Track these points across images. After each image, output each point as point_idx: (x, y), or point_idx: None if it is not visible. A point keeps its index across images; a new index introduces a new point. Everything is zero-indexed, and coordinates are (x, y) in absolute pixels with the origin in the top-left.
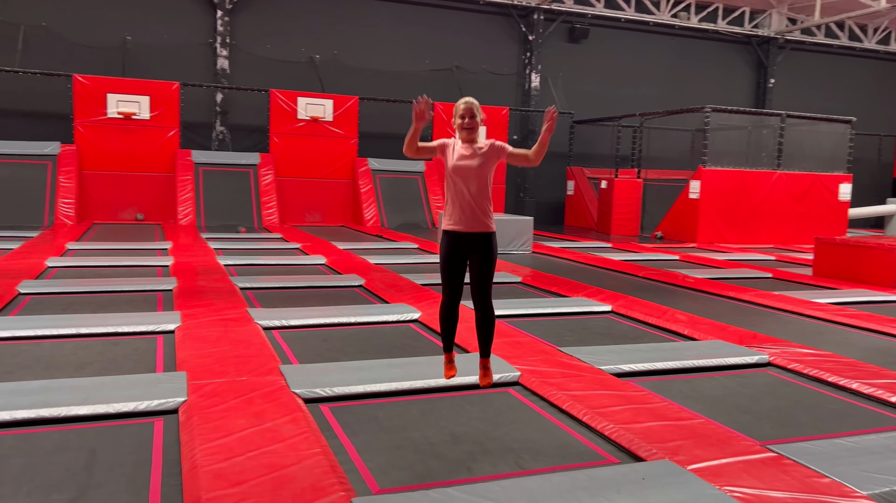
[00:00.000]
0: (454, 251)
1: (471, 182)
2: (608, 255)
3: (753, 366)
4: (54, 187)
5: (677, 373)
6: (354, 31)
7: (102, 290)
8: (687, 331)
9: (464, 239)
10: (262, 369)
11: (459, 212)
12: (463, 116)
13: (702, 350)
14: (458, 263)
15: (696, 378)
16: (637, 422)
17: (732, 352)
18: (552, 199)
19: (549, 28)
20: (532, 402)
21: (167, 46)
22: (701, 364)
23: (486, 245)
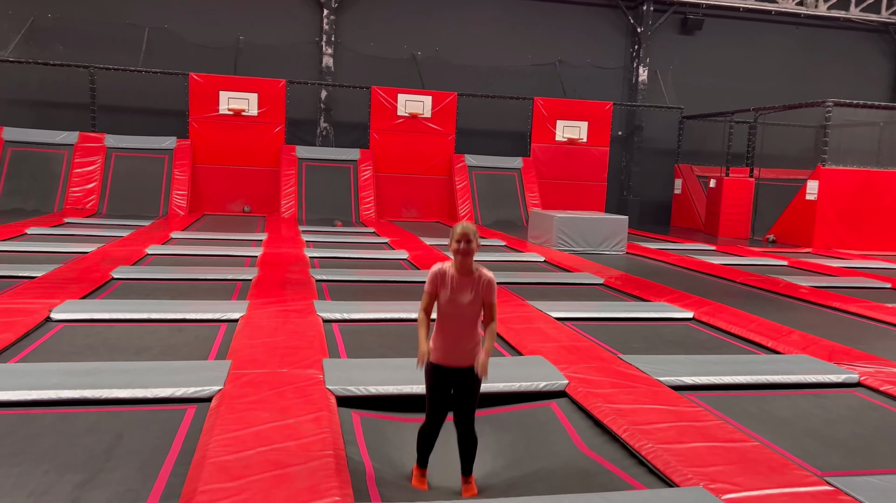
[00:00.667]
0: (439, 384)
1: (462, 316)
2: (709, 259)
3: (839, 386)
4: (170, 179)
5: (746, 390)
6: (456, 28)
7: (187, 278)
8: (771, 344)
9: (450, 373)
10: (306, 362)
11: (448, 345)
12: (459, 240)
13: (781, 365)
14: (443, 395)
15: (766, 395)
16: (681, 441)
17: (816, 368)
18: (658, 198)
19: (659, 19)
20: (573, 413)
21: (276, 45)
22: (776, 380)
23: (470, 378)
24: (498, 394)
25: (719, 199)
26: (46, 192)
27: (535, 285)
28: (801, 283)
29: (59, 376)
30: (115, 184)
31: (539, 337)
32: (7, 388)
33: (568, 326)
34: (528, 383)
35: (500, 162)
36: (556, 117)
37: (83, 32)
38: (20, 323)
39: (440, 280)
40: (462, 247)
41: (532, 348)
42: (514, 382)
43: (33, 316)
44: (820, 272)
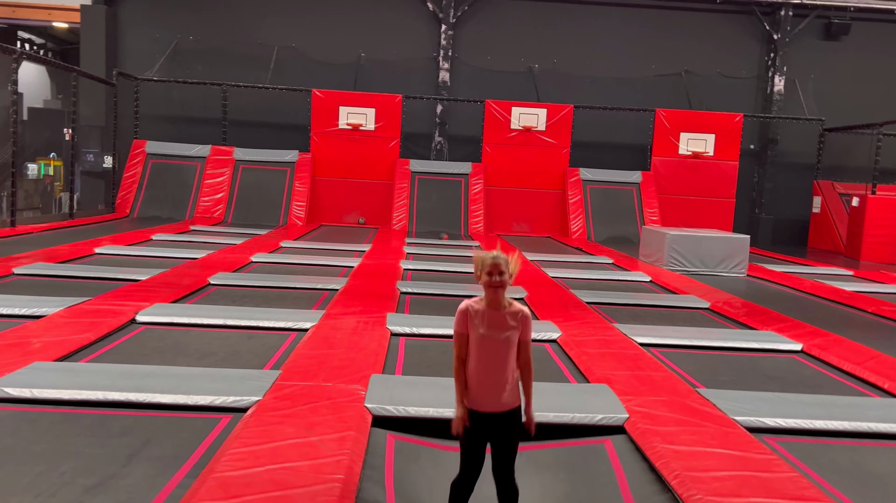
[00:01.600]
0: (474, 433)
1: (497, 355)
2: (842, 285)
3: None
4: (291, 191)
5: (840, 437)
6: (574, 39)
7: (277, 286)
8: (888, 385)
9: (485, 419)
10: (355, 377)
11: (482, 389)
12: (490, 273)
13: (891, 411)
14: (479, 445)
15: (865, 446)
16: (738, 495)
17: None
18: (795, 216)
19: (799, 25)
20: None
21: (394, 61)
22: (880, 429)
23: (509, 423)
24: (549, 426)
25: (862, 218)
26: (180, 201)
27: (631, 306)
28: None
29: (112, 377)
30: (241, 194)
31: (612, 363)
32: (59, 387)
33: (652, 353)
34: (583, 415)
35: (617, 176)
36: (679, 129)
37: (219, 52)
38: (105, 323)
39: (469, 319)
40: (495, 279)
41: (600, 375)
42: (568, 413)
43: (119, 317)
44: None
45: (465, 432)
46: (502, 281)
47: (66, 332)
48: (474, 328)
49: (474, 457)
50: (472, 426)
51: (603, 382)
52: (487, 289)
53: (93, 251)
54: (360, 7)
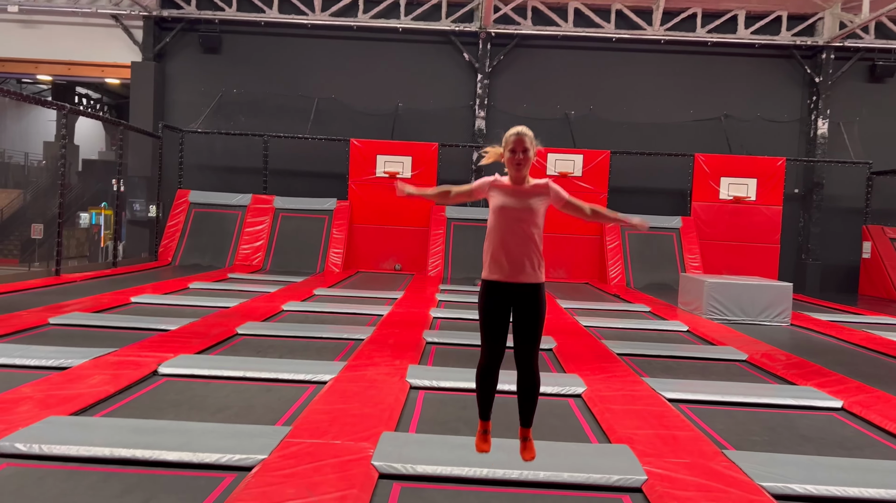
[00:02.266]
0: (495, 304)
1: (518, 225)
2: (890, 335)
3: None
4: (328, 238)
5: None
6: (612, 85)
7: (304, 336)
8: None
9: (506, 290)
10: (366, 433)
11: (503, 258)
12: (514, 150)
13: None
14: (499, 318)
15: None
16: None
17: None
18: (844, 262)
19: (842, 68)
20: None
21: (431, 110)
22: None
23: (532, 298)
24: (561, 485)
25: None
26: (221, 249)
27: (664, 358)
28: None
29: (123, 433)
30: (279, 242)
31: (636, 421)
32: (69, 443)
33: (680, 410)
34: (599, 475)
35: (657, 221)
36: (719, 174)
37: (261, 104)
38: (126, 376)
39: (488, 185)
40: (519, 157)
41: (621, 434)
42: (584, 473)
43: (142, 369)
44: None
45: (486, 306)
46: (526, 157)
47: (88, 385)
48: (496, 197)
49: (496, 334)
50: (493, 298)
51: (625, 442)
52: (510, 165)
53: (129, 300)
54: (398, 58)
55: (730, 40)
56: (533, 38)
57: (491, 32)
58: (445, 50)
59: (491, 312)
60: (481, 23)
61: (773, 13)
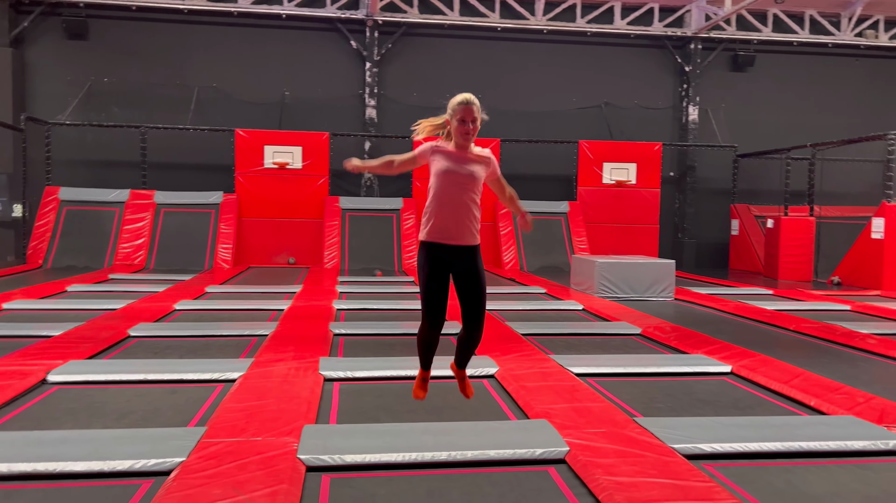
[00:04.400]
0: (436, 265)
1: (461, 190)
2: (762, 304)
3: (887, 454)
4: (216, 233)
5: (775, 459)
6: (499, 73)
7: (203, 335)
8: (814, 402)
9: (447, 252)
10: (286, 427)
11: (448, 221)
12: (464, 120)
13: (820, 429)
14: (441, 281)
15: (799, 466)
16: None
17: (861, 433)
18: (716, 239)
19: (708, 57)
20: (569, 488)
21: (320, 99)
22: (811, 448)
23: (473, 258)
24: (488, 462)
25: (778, 239)
26: (97, 248)
27: (566, 336)
28: (862, 331)
29: (17, 447)
30: (163, 239)
31: (551, 397)
32: None
33: (588, 383)
34: (524, 450)
35: (546, 206)
36: (602, 160)
37: (137, 94)
38: (11, 387)
39: (431, 151)
40: (469, 126)
41: (539, 410)
42: (508, 449)
43: (28, 378)
44: (887, 317)
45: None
46: (475, 127)
47: None
48: (439, 162)
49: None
50: (434, 260)
51: (543, 417)
52: (459, 134)
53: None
54: (282, 45)
55: (607, 31)
56: (420, 27)
57: (378, 20)
58: (332, 38)
59: (433, 274)
60: (368, 10)
61: (646, 5)
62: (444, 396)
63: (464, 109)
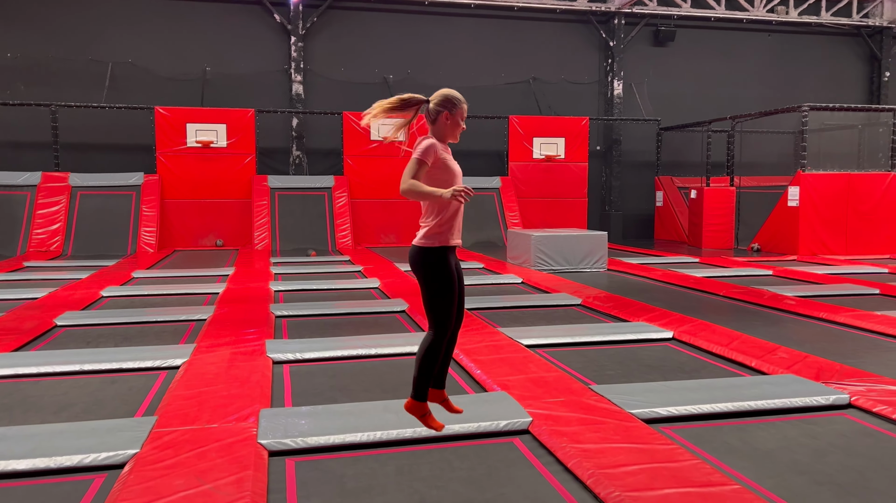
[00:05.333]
0: (456, 269)
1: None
2: (691, 272)
3: (828, 409)
4: (138, 216)
5: (726, 418)
6: (428, 49)
7: (137, 321)
8: (755, 363)
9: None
10: (242, 414)
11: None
12: (463, 117)
13: (765, 388)
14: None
15: (749, 424)
16: (652, 487)
17: (803, 390)
18: (641, 211)
19: (631, 32)
20: (536, 458)
21: (244, 75)
22: (759, 406)
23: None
24: (453, 436)
25: (701, 209)
26: (8, 235)
27: (510, 309)
28: (786, 293)
29: None
30: (80, 223)
31: (506, 369)
32: None
33: (539, 354)
34: (488, 423)
35: (479, 182)
36: (532, 135)
37: (45, 70)
38: None
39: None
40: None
41: (497, 382)
42: (472, 422)
43: None
44: (806, 280)
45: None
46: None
47: None
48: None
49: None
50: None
51: (501, 389)
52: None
53: None
54: (202, 19)
55: (534, 5)
56: (347, 0)
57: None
58: (254, 11)
59: (456, 278)
60: None
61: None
62: (398, 374)
63: (464, 110)
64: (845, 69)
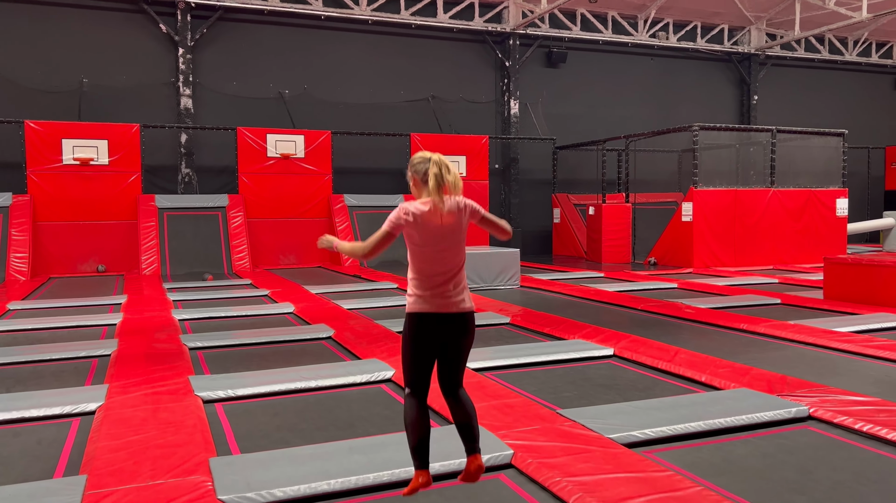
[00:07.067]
0: (426, 339)
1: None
2: (602, 286)
3: (791, 422)
4: (5, 241)
5: (702, 438)
6: (325, 64)
7: (27, 361)
8: (704, 378)
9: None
10: (188, 464)
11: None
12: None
13: (728, 404)
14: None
15: (725, 442)
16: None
17: (765, 404)
18: (539, 227)
19: (525, 53)
20: (529, 494)
21: (127, 88)
22: (729, 423)
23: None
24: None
25: (600, 225)
26: None
27: None
28: (700, 306)
29: None
30: None
31: None
32: None
33: (490, 378)
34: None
35: (382, 200)
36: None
37: None
38: None
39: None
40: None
41: None
42: (451, 460)
43: None
44: (710, 292)
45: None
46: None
47: None
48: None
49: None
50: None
51: None
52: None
53: None
54: (76, 27)
55: (431, 23)
56: (239, 12)
57: (191, 2)
58: (137, 20)
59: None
60: None
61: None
62: (347, 408)
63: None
64: (718, 92)
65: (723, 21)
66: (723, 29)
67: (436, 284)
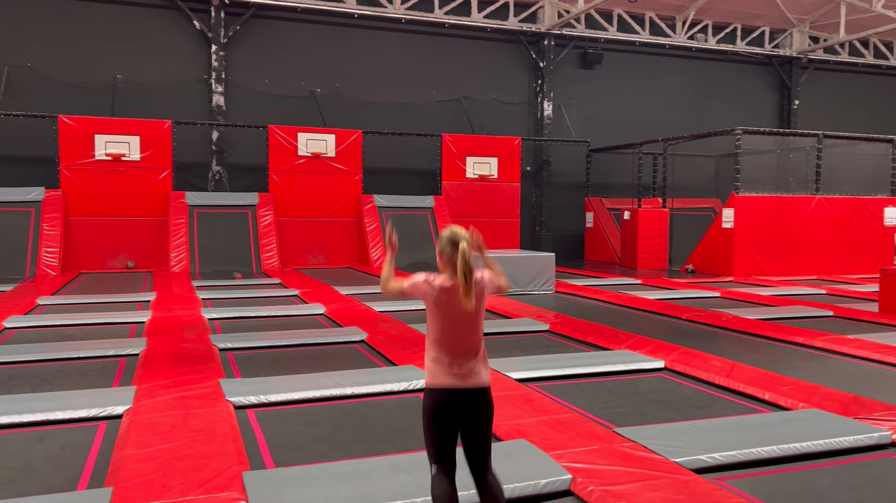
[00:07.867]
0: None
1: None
2: (640, 294)
3: (873, 449)
4: (37, 235)
5: (777, 465)
6: (357, 63)
7: (55, 359)
8: (768, 396)
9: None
10: (220, 479)
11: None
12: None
13: (800, 426)
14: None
15: (804, 471)
16: None
17: (841, 428)
18: (571, 231)
19: (560, 54)
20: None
21: (159, 84)
22: (805, 449)
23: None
24: None
25: (636, 230)
26: None
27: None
28: (748, 317)
29: None
30: None
31: (512, 409)
32: None
33: (535, 389)
34: (523, 484)
35: (412, 201)
36: (465, 154)
37: None
38: None
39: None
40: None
41: (509, 427)
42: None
43: None
44: (755, 302)
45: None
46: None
47: None
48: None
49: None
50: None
51: (517, 436)
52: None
53: None
54: (111, 23)
55: (465, 23)
56: (271, 9)
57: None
58: (171, 16)
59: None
60: None
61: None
62: (385, 419)
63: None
64: (757, 96)
65: (764, 23)
66: (763, 31)
67: (452, 360)
